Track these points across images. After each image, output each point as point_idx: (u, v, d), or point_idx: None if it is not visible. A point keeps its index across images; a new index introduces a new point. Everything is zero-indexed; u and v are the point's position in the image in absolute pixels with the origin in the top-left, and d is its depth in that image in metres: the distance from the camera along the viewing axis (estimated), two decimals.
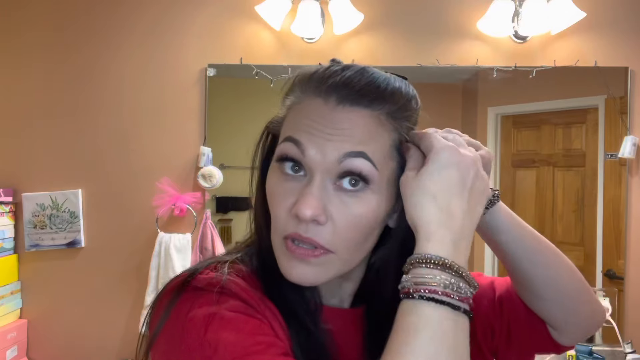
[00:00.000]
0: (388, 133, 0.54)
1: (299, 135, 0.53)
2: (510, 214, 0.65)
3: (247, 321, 0.49)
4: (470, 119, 2.03)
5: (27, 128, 1.93)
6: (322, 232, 0.52)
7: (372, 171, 0.52)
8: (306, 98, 0.55)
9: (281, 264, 0.54)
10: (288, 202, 0.53)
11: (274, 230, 0.55)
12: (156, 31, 1.91)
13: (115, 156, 1.92)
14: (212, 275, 0.54)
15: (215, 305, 0.50)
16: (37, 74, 1.94)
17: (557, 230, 1.92)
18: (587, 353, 1.64)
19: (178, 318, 0.50)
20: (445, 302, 0.45)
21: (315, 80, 0.55)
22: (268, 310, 0.53)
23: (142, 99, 1.92)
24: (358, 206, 0.52)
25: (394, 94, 0.55)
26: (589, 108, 1.90)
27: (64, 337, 1.92)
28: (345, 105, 0.53)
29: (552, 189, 1.94)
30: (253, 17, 1.87)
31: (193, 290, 0.52)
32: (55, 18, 1.93)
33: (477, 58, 1.86)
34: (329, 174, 0.52)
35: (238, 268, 0.57)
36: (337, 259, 0.53)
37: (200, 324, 0.48)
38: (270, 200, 0.56)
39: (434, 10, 1.89)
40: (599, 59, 1.82)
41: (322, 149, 0.51)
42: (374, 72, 0.56)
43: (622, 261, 1.82)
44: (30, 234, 1.91)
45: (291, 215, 0.52)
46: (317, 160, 0.52)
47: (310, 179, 0.52)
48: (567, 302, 0.66)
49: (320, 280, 0.54)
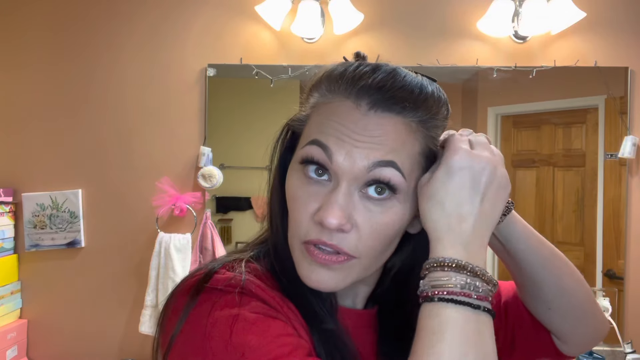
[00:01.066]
0: (418, 141, 0.53)
1: (326, 140, 0.51)
2: (524, 223, 0.65)
3: (271, 323, 0.48)
4: (470, 119, 2.03)
5: (27, 128, 1.93)
6: (346, 239, 0.50)
7: (400, 181, 0.51)
8: (335, 99, 0.53)
9: (300, 268, 0.53)
10: (311, 208, 0.51)
11: (294, 233, 0.53)
12: (156, 31, 1.91)
13: (115, 156, 1.92)
14: (230, 275, 0.52)
15: (238, 307, 0.48)
16: (37, 74, 1.93)
17: (557, 230, 1.92)
18: (587, 353, 1.64)
19: (199, 320, 0.48)
20: (465, 302, 0.45)
21: (346, 81, 0.53)
22: (289, 311, 0.52)
23: (142, 99, 1.92)
24: (384, 215, 0.51)
25: (427, 100, 0.54)
26: (589, 108, 1.90)
27: (64, 337, 1.92)
28: (377, 111, 0.51)
29: (552, 189, 1.94)
30: (253, 17, 1.87)
31: (212, 291, 0.50)
32: (55, 18, 1.93)
33: (477, 58, 1.86)
34: (356, 182, 0.50)
35: (254, 267, 0.56)
36: (359, 264, 0.52)
37: (224, 326, 0.47)
38: (291, 203, 0.54)
39: (434, 10, 1.89)
40: (599, 59, 1.82)
41: (351, 155, 0.50)
42: (407, 75, 0.54)
43: (622, 261, 1.82)
44: (30, 234, 1.91)
45: (314, 222, 0.51)
46: (345, 167, 0.50)
47: (336, 186, 0.50)
48: (576, 313, 0.65)
49: (340, 287, 0.53)
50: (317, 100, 0.55)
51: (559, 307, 0.65)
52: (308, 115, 0.56)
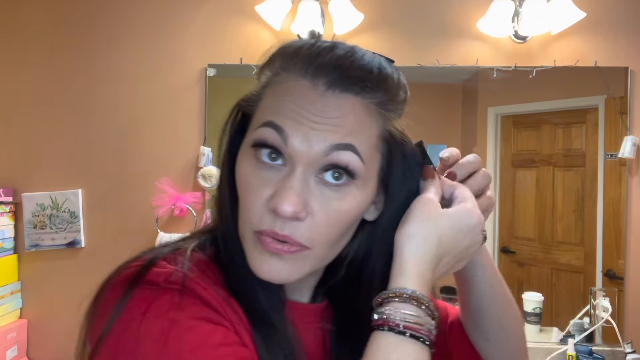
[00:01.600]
0: (377, 124, 0.51)
1: (282, 121, 0.47)
2: (487, 253, 0.65)
3: (211, 330, 0.45)
4: (470, 119, 2.03)
5: (27, 128, 1.93)
6: (299, 228, 0.47)
7: (359, 166, 0.48)
8: (289, 77, 0.50)
9: (251, 258, 0.49)
10: (264, 194, 0.48)
11: (245, 221, 0.50)
12: (156, 31, 1.91)
13: (116, 156, 1.92)
14: (171, 269, 0.47)
15: (176, 310, 0.44)
16: (37, 74, 1.93)
17: (557, 230, 1.92)
18: (587, 353, 1.64)
19: (132, 320, 0.43)
20: (411, 335, 0.46)
21: (302, 58, 0.49)
22: (232, 312, 0.48)
23: (142, 99, 1.92)
24: (341, 202, 0.49)
25: (386, 80, 0.51)
26: (589, 108, 1.90)
27: (64, 337, 1.92)
28: (335, 91, 0.48)
29: (552, 189, 1.94)
30: (253, 17, 1.87)
31: (149, 287, 0.45)
32: (54, 18, 1.93)
33: (477, 58, 1.86)
34: (312, 166, 0.47)
35: (198, 258, 0.51)
36: (312, 255, 0.49)
37: (159, 331, 0.43)
38: (242, 189, 0.50)
39: (434, 10, 1.89)
40: (599, 59, 1.82)
41: (308, 138, 0.47)
42: (366, 54, 0.51)
43: (622, 261, 1.82)
44: (30, 234, 1.91)
45: (267, 209, 0.47)
46: (301, 150, 0.47)
47: (291, 171, 0.47)
48: (511, 350, 0.67)
49: (294, 278, 0.50)
50: (269, 79, 0.52)
51: (497, 341, 0.66)
52: (259, 95, 0.53)
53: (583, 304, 1.81)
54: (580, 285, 1.88)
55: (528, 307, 1.84)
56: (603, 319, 1.73)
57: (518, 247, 1.97)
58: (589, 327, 1.76)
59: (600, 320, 1.75)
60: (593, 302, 1.79)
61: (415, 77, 1.94)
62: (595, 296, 1.79)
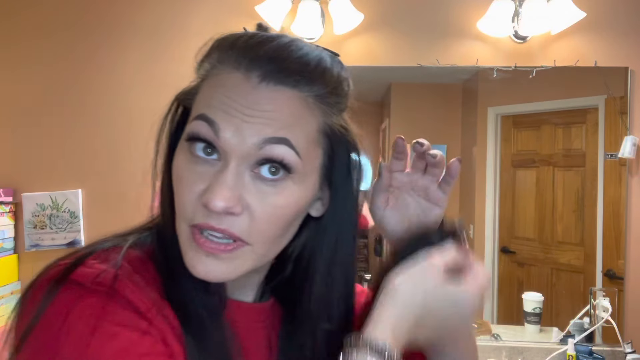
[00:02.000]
0: (315, 117, 0.50)
1: (213, 114, 0.47)
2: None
3: (136, 340, 0.42)
4: (470, 119, 2.03)
5: (27, 128, 1.93)
6: (237, 222, 0.46)
7: (295, 160, 0.47)
8: (224, 70, 0.49)
9: (186, 257, 0.48)
10: (197, 189, 0.46)
11: (179, 215, 0.48)
12: (156, 31, 1.91)
13: (115, 156, 1.92)
14: (100, 269, 0.45)
15: (100, 315, 0.42)
16: (37, 73, 1.93)
17: (557, 230, 1.92)
18: (587, 353, 1.64)
19: (54, 321, 0.42)
20: None
21: (237, 50, 0.49)
22: (162, 319, 0.46)
23: (142, 99, 1.92)
24: (278, 197, 0.47)
25: (324, 74, 0.50)
26: (589, 108, 1.90)
27: None
28: (269, 84, 0.47)
29: (552, 189, 1.94)
30: (253, 17, 1.87)
31: (75, 287, 0.43)
32: (54, 18, 1.93)
33: (477, 58, 1.86)
34: (246, 160, 0.46)
35: (134, 256, 0.49)
36: (252, 252, 0.48)
37: (81, 335, 0.41)
38: (176, 184, 0.49)
39: (434, 10, 1.89)
40: (599, 59, 1.82)
41: (240, 132, 0.46)
42: (304, 47, 0.50)
43: (622, 261, 1.82)
44: (30, 234, 1.91)
45: (201, 204, 0.46)
46: (233, 144, 0.46)
47: (224, 165, 0.46)
48: None
49: (231, 277, 0.48)
50: (207, 72, 0.51)
51: None
52: (197, 88, 0.52)
53: (583, 304, 1.81)
54: (580, 285, 1.88)
55: (528, 307, 1.84)
56: (603, 319, 1.73)
57: (518, 247, 1.97)
58: (589, 327, 1.76)
59: (600, 320, 1.75)
60: (593, 302, 1.79)
61: (415, 77, 1.94)
62: (595, 296, 1.79)
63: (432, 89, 2.03)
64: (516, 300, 1.90)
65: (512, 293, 1.98)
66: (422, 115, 2.05)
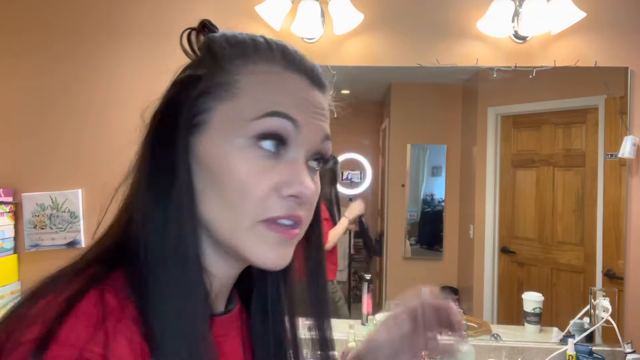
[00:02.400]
0: None
1: (293, 113, 0.49)
2: None
3: None
4: (470, 119, 2.03)
5: (27, 128, 1.93)
6: (302, 210, 0.50)
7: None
8: (285, 71, 0.51)
9: (257, 250, 0.48)
10: (272, 182, 0.47)
11: (246, 214, 0.47)
12: (156, 32, 1.91)
13: (116, 156, 1.91)
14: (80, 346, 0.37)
15: None
16: (38, 74, 1.93)
17: (557, 230, 1.92)
18: (587, 353, 1.64)
19: None
20: None
21: (294, 56, 0.53)
22: None
23: (142, 99, 1.91)
24: (318, 187, 0.53)
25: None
26: (589, 108, 1.90)
27: None
28: (316, 87, 0.53)
29: (552, 189, 1.94)
30: (253, 17, 1.87)
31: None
32: (54, 18, 1.93)
33: (477, 58, 1.86)
34: (309, 153, 0.51)
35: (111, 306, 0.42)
36: (300, 235, 0.52)
37: None
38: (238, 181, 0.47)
39: (434, 10, 1.89)
40: (599, 59, 1.82)
41: (314, 128, 0.51)
42: None
43: (622, 261, 1.82)
44: (30, 234, 1.91)
45: (280, 197, 0.48)
46: (309, 139, 0.50)
47: (296, 157, 0.49)
48: None
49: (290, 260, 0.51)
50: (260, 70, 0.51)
51: None
52: (234, 83, 0.50)
53: (583, 304, 1.81)
54: (580, 285, 1.88)
55: (528, 307, 1.84)
56: (603, 319, 1.73)
57: (518, 247, 1.98)
58: (589, 327, 1.76)
59: (600, 320, 1.75)
60: (593, 302, 1.79)
61: (415, 77, 1.94)
62: (595, 296, 1.79)
63: (432, 89, 2.03)
64: (516, 300, 1.90)
65: (512, 293, 1.98)
66: (422, 115, 2.05)
